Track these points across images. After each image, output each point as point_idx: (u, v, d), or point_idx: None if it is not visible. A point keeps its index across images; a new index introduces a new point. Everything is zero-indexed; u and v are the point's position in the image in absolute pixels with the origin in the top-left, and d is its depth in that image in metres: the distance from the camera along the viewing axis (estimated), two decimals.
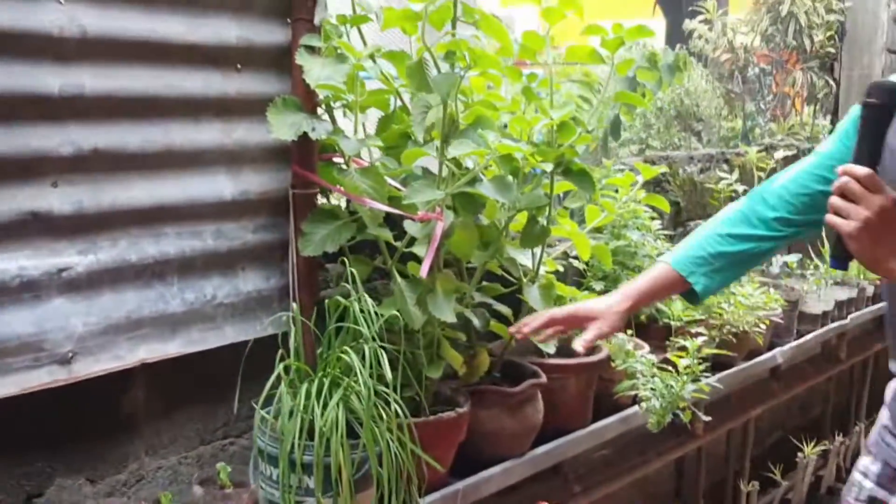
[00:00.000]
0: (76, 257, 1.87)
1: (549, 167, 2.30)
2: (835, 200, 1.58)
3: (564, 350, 2.97)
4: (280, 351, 2.05)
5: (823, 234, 3.31)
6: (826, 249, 4.57)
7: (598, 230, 3.37)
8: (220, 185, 2.13)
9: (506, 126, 2.45)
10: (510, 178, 2.18)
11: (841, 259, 1.63)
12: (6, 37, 1.71)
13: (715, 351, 2.88)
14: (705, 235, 2.12)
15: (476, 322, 2.54)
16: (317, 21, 2.20)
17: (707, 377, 2.83)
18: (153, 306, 2.01)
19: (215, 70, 2.09)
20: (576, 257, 3.24)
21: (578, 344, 2.08)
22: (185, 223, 2.06)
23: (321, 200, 2.34)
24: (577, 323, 2.15)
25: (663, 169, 3.35)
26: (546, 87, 2.46)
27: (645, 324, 3.43)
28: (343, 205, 2.31)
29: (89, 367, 1.89)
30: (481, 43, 2.31)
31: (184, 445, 2.19)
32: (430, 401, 2.40)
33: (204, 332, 2.12)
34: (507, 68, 2.49)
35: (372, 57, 2.22)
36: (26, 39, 1.74)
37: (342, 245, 2.28)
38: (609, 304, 2.13)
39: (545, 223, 2.49)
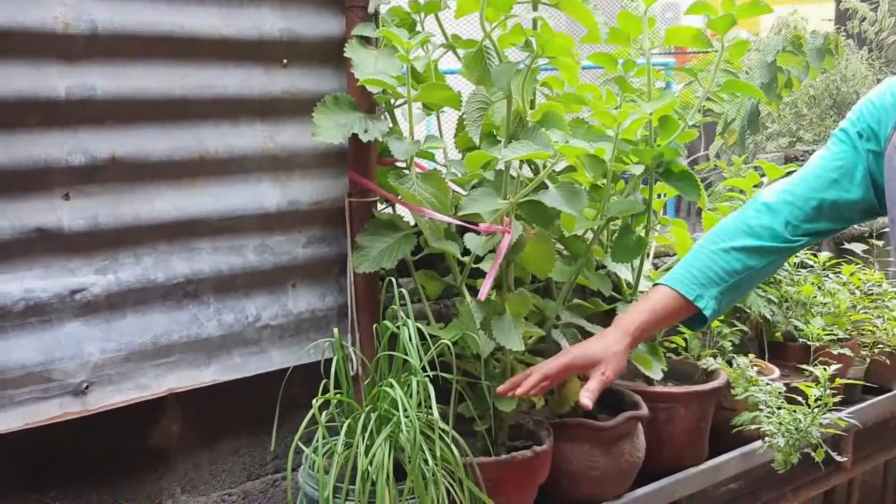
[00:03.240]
0: (92, 277, 1.69)
1: (639, 169, 1.97)
2: None
3: (676, 373, 2.63)
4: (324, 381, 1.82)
5: None
6: None
7: None
8: (263, 195, 1.92)
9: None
10: (578, 184, 1.87)
11: None
12: (2, 35, 1.54)
13: (846, 381, 2.46)
14: (706, 253, 1.93)
15: (565, 345, 2.24)
16: (371, 8, 1.95)
17: (840, 410, 2.42)
18: (185, 330, 1.82)
19: (256, 66, 1.88)
20: None
21: (585, 398, 1.84)
22: (221, 237, 1.86)
23: (388, 210, 2.10)
24: (575, 373, 1.97)
25: (791, 168, 2.93)
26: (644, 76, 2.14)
27: (781, 343, 3.03)
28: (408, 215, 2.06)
29: (107, 399, 1.72)
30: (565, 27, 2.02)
31: (227, 481, 1.99)
32: (508, 435, 2.13)
33: (245, 358, 1.92)
34: (602, 56, 2.18)
35: (422, 44, 1.95)
36: (25, 38, 1.57)
37: (407, 259, 2.04)
38: (607, 344, 1.90)
39: (643, 233, 2.17)
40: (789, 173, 2.08)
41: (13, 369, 1.60)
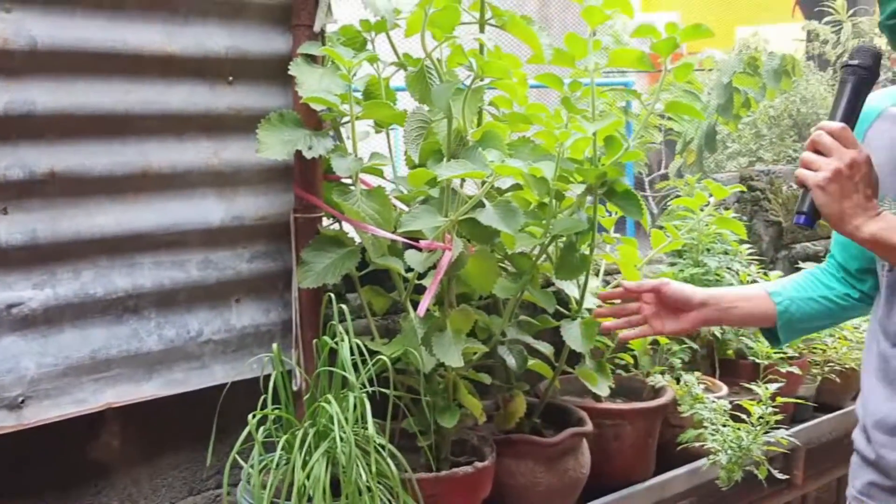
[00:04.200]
0: (30, 291, 1.70)
1: (580, 188, 1.99)
2: (806, 154, 1.53)
3: (625, 390, 2.66)
4: (263, 396, 1.83)
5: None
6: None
7: (679, 255, 3.04)
8: (207, 210, 1.93)
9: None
10: (514, 203, 1.89)
11: (808, 216, 1.56)
12: None
13: (789, 399, 2.49)
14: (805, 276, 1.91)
15: (511, 361, 2.26)
16: (317, 27, 1.98)
17: (784, 428, 2.45)
18: (125, 344, 1.82)
19: (201, 83, 1.90)
20: None
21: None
22: (164, 252, 1.87)
23: (335, 226, 2.11)
24: (662, 299, 1.87)
25: (737, 188, 2.97)
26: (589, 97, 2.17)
27: (732, 360, 3.06)
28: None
29: (44, 413, 1.72)
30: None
31: (168, 496, 1.99)
32: (451, 451, 2.14)
33: (187, 372, 1.92)
34: (548, 76, 2.21)
35: (372, 62, 1.97)
36: None
37: (352, 275, 2.05)
38: (697, 293, 1.85)
39: (587, 251, 2.19)
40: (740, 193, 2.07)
41: None
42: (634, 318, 1.92)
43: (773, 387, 2.36)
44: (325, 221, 2.11)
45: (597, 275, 2.60)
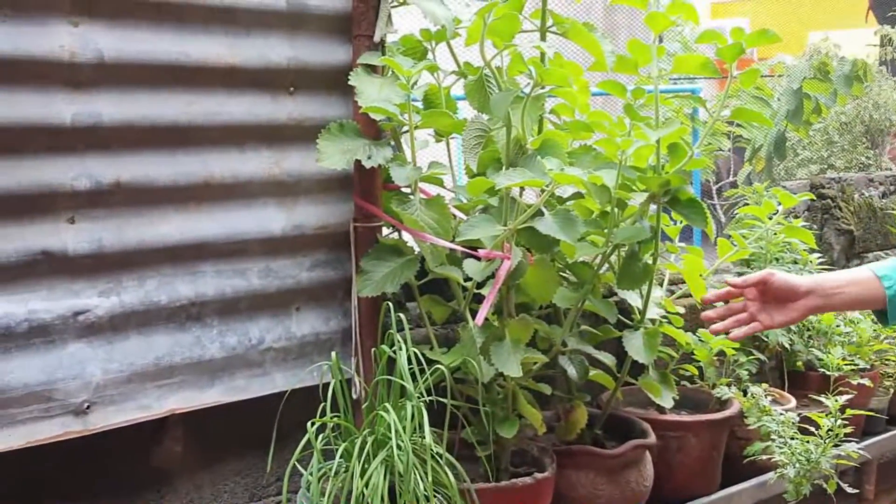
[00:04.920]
0: (96, 299, 1.73)
1: (641, 196, 1.97)
2: None
3: (690, 402, 2.61)
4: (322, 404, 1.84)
5: None
6: None
7: (747, 264, 2.98)
8: (268, 219, 1.95)
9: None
10: (574, 212, 1.87)
11: None
12: (8, 64, 1.59)
13: (859, 412, 2.42)
14: None
15: (572, 372, 2.23)
16: (377, 37, 1.99)
17: (854, 441, 2.38)
18: (187, 352, 1.85)
19: (263, 94, 1.92)
20: None
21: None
22: (225, 260, 1.89)
23: (395, 235, 2.12)
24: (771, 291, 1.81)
25: (806, 196, 2.90)
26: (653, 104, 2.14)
27: (802, 372, 2.99)
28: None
29: (109, 419, 1.75)
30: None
31: (229, 502, 2.01)
32: (511, 461, 2.12)
33: (248, 380, 1.94)
34: (610, 83, 2.19)
35: (432, 71, 1.97)
36: (33, 66, 1.62)
37: (412, 283, 2.06)
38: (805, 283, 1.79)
39: (650, 260, 2.16)
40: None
41: (15, 388, 1.64)
42: (742, 316, 1.85)
43: (842, 399, 2.29)
44: (385, 231, 2.12)
45: (661, 285, 2.57)
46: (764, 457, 2.36)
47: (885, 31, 5.35)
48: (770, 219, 2.58)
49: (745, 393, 2.54)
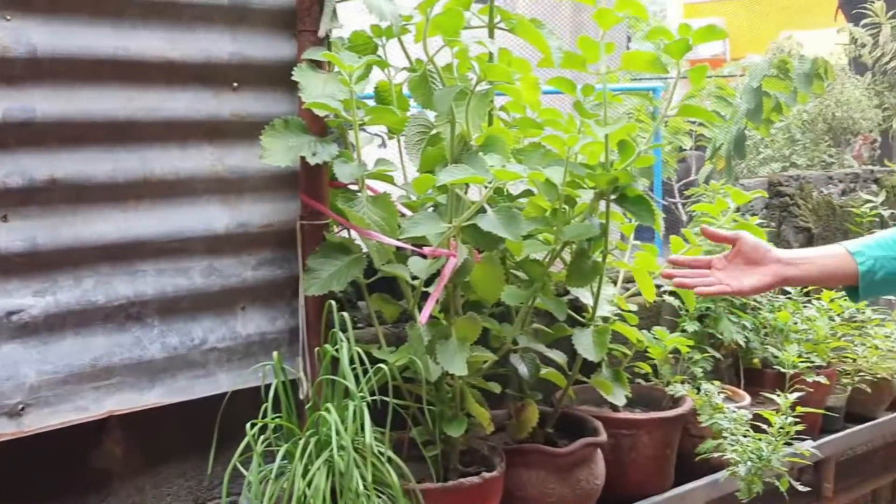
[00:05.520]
0: (30, 299, 1.69)
1: (589, 194, 1.95)
2: None
3: (644, 399, 2.61)
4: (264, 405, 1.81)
5: None
6: None
7: None
8: (211, 217, 1.92)
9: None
10: (516, 210, 1.85)
11: None
12: None
13: (809, 409, 2.42)
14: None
15: (523, 370, 2.22)
16: (322, 32, 1.96)
17: (807, 439, 2.39)
18: (127, 352, 1.81)
19: (205, 89, 1.89)
20: (672, 293, 2.86)
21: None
22: (167, 259, 1.86)
23: (343, 233, 2.09)
24: (740, 248, 1.81)
25: (758, 194, 2.91)
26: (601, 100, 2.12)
27: (758, 369, 2.99)
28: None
29: (44, 421, 1.71)
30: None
31: None
32: (460, 460, 2.11)
33: (191, 381, 1.91)
34: (560, 80, 2.17)
35: (382, 67, 1.95)
36: None
37: (360, 282, 2.03)
38: (773, 252, 1.80)
39: (599, 258, 2.15)
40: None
41: None
42: (707, 278, 1.83)
43: (793, 396, 2.29)
44: (336, 228, 2.09)
45: (614, 283, 2.56)
46: (716, 455, 2.36)
47: (849, 29, 5.39)
48: (723, 216, 2.57)
49: (698, 390, 2.54)
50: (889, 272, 1.78)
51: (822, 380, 2.81)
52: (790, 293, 3.06)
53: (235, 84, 1.93)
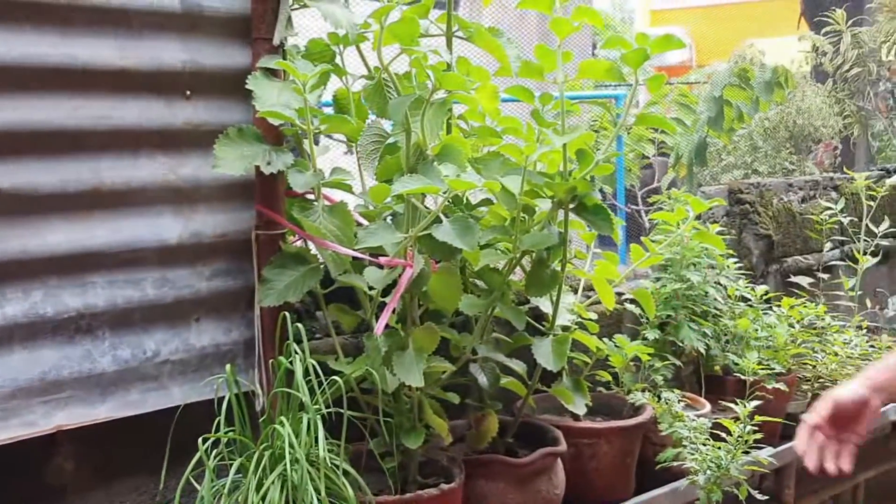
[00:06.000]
0: None
1: (547, 203, 1.95)
2: None
3: (605, 408, 2.61)
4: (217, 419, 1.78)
5: None
6: None
7: (664, 269, 2.98)
8: (163, 227, 1.89)
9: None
10: (472, 220, 1.84)
11: None
12: None
13: (768, 419, 2.42)
14: None
15: (483, 380, 2.21)
16: (276, 40, 1.94)
17: (766, 447, 2.39)
18: (76, 366, 1.78)
19: (157, 98, 1.86)
20: (632, 301, 2.86)
21: None
22: (118, 271, 1.83)
23: (300, 243, 2.07)
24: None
25: (716, 202, 2.92)
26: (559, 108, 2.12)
27: (719, 376, 3.00)
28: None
29: None
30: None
31: None
32: (420, 471, 2.09)
33: (143, 394, 1.88)
34: (517, 88, 2.16)
35: (340, 75, 1.93)
36: None
37: (317, 292, 2.01)
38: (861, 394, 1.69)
39: (558, 267, 2.14)
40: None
41: None
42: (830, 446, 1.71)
43: (751, 405, 2.29)
44: (293, 238, 2.07)
45: (575, 291, 2.56)
46: (676, 463, 2.35)
47: (811, 37, 5.44)
48: (682, 224, 2.58)
49: (659, 398, 2.54)
50: None
51: (783, 386, 2.82)
52: (750, 300, 3.07)
53: (188, 92, 1.91)
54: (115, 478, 1.94)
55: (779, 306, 3.14)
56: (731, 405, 2.51)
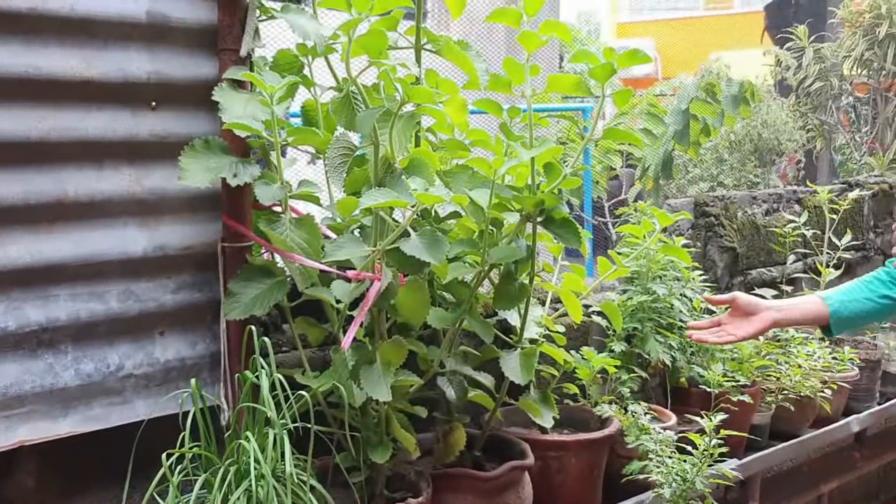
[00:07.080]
0: None
1: (514, 216, 1.95)
2: None
3: (573, 420, 2.61)
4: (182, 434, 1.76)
5: None
6: None
7: (630, 282, 2.99)
8: (128, 240, 1.87)
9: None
10: (440, 233, 1.84)
11: None
12: None
13: (733, 433, 2.44)
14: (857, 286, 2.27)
15: (450, 393, 2.20)
16: (243, 52, 1.92)
17: (731, 459, 2.41)
18: (38, 380, 1.75)
19: (122, 109, 1.84)
20: (600, 313, 2.87)
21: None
22: (81, 283, 1.80)
23: (267, 255, 2.06)
24: (738, 307, 2.25)
25: (681, 216, 2.94)
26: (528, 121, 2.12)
27: (685, 388, 3.01)
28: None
29: None
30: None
31: None
32: (388, 486, 2.08)
33: (107, 408, 1.85)
34: (486, 102, 2.17)
35: (308, 86, 1.93)
36: None
37: (283, 306, 2.00)
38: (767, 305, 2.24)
39: (526, 280, 2.14)
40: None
41: None
42: (717, 334, 2.25)
43: (717, 418, 2.31)
44: (260, 251, 2.06)
45: (543, 304, 2.56)
46: (642, 476, 2.36)
47: (775, 52, 5.51)
48: (648, 237, 2.59)
49: (626, 410, 2.55)
50: (852, 311, 2.22)
51: (747, 398, 2.84)
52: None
53: (154, 103, 1.89)
54: (78, 493, 1.92)
55: None
56: (697, 418, 2.53)
